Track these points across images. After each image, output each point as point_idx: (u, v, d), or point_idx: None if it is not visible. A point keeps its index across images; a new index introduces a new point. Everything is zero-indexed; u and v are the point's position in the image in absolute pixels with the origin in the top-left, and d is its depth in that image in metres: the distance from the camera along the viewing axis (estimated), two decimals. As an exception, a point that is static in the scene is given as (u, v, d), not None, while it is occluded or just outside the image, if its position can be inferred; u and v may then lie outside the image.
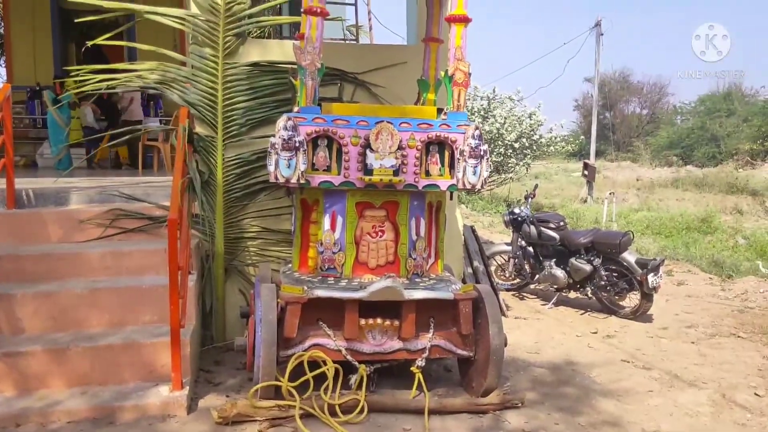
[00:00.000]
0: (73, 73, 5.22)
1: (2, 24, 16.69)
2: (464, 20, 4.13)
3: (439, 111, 4.37)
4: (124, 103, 10.11)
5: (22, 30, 13.31)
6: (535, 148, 21.45)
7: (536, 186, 9.00)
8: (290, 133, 3.94)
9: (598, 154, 31.35)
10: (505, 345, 4.21)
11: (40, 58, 13.17)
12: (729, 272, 9.26)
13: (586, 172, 21.82)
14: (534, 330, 6.27)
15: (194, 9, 5.28)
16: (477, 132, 4.15)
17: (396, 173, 4.10)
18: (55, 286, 4.45)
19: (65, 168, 8.78)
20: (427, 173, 4.23)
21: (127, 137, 6.55)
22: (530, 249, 7.60)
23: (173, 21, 5.27)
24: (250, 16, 5.34)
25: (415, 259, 4.32)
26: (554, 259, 7.29)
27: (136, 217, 5.24)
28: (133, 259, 4.82)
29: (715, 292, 8.19)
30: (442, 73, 4.32)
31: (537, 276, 7.47)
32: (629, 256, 6.76)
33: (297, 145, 3.93)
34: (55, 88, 10.27)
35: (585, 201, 20.90)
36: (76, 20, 5.46)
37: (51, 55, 13.18)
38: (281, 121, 3.97)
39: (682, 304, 7.50)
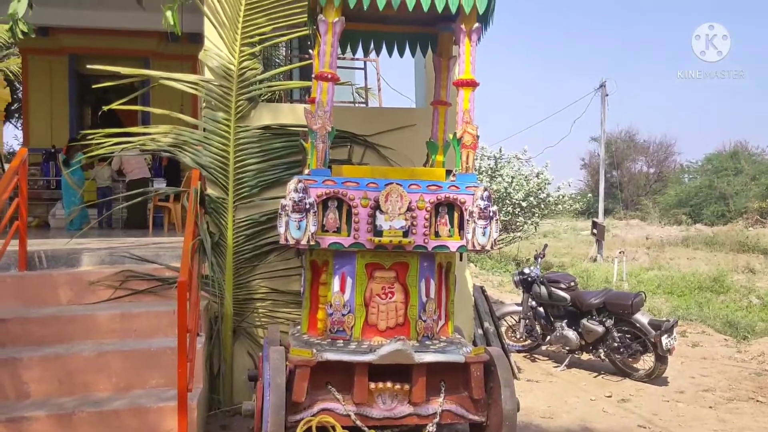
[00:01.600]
0: (89, 136, 5.32)
1: (21, 88, 17.14)
2: (472, 85, 4.21)
3: (448, 173, 4.41)
4: (126, 167, 10.25)
5: (40, 94, 13.69)
6: (543, 206, 21.48)
7: (545, 246, 8.97)
8: (301, 195, 3.97)
9: (607, 212, 31.37)
10: (518, 410, 4.11)
11: (56, 121, 13.50)
12: (744, 333, 9.10)
13: (595, 231, 21.76)
14: (547, 393, 6.14)
15: (208, 74, 5.43)
16: (486, 193, 4.17)
17: (406, 234, 4.11)
18: (62, 349, 4.42)
19: (76, 228, 8.86)
20: (437, 234, 4.23)
21: (138, 199, 6.60)
22: (541, 310, 7.52)
23: (188, 86, 5.40)
24: (261, 81, 5.47)
25: (425, 321, 4.27)
26: (566, 320, 7.20)
27: (145, 278, 5.25)
28: (141, 321, 4.80)
29: (731, 354, 8.03)
30: (451, 136, 4.37)
31: (548, 337, 7.37)
32: (642, 318, 6.67)
33: (307, 207, 3.96)
34: (58, 151, 10.47)
35: (595, 260, 20.78)
36: (93, 86, 5.60)
37: (67, 118, 13.51)
38: (292, 184, 4.01)
39: (697, 366, 7.34)
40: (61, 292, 5.06)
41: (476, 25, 4.16)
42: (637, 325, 6.65)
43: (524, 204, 20.64)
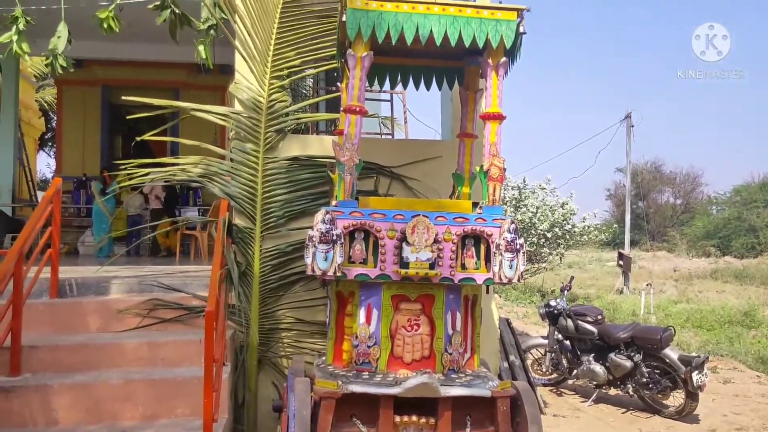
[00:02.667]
0: (121, 166, 5.44)
1: (55, 117, 17.60)
2: (499, 118, 4.23)
3: (475, 205, 4.41)
4: (150, 195, 10.46)
5: (73, 124, 14.05)
6: (568, 237, 21.34)
7: (572, 278, 8.89)
8: (328, 226, 4.00)
9: (633, 243, 30.99)
10: (546, 446, 4.04)
11: (88, 150, 13.82)
12: (778, 370, 8.88)
13: (621, 263, 21.50)
14: (574, 429, 6.03)
15: (238, 106, 5.54)
16: (513, 226, 4.16)
17: (432, 267, 4.10)
18: (90, 377, 4.47)
19: (105, 256, 9.00)
20: (463, 267, 4.22)
21: (168, 229, 6.70)
22: (567, 343, 7.43)
23: (217, 118, 5.51)
24: (290, 113, 5.56)
25: (451, 353, 4.24)
26: (593, 354, 7.10)
27: (173, 307, 5.30)
28: (168, 349, 4.84)
29: (764, 391, 7.83)
30: (477, 168, 4.39)
31: (575, 371, 7.27)
32: (671, 353, 6.55)
33: (334, 238, 3.98)
34: (104, 179, 10.69)
35: (621, 292, 20.50)
36: (128, 117, 5.73)
37: (99, 148, 13.83)
38: (319, 215, 4.04)
39: (729, 404, 7.17)
40: (91, 319, 5.13)
41: (503, 59, 4.20)
42: (667, 360, 6.53)
43: (549, 235, 20.54)
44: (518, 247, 4.13)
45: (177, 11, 5.21)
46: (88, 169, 13.33)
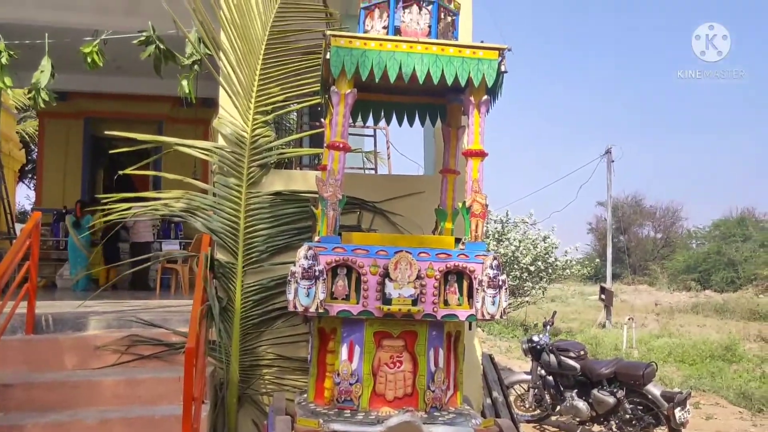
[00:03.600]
0: (103, 200, 5.40)
1: (35, 149, 17.49)
2: (480, 155, 4.27)
3: (457, 240, 4.42)
4: (132, 229, 10.35)
5: (54, 156, 13.96)
6: (550, 271, 21.43)
7: (554, 313, 8.90)
8: (311, 262, 3.98)
9: (614, 277, 31.19)
10: (529, 486, 4.00)
11: (69, 183, 13.71)
12: (759, 406, 8.89)
13: (603, 297, 21.59)
14: (558, 467, 5.98)
15: (221, 141, 5.54)
16: (495, 262, 4.17)
17: (415, 303, 4.09)
18: (66, 416, 4.36)
19: (81, 289, 8.87)
20: (446, 303, 4.21)
21: (147, 264, 6.63)
22: (550, 379, 7.41)
23: (201, 152, 5.51)
24: (273, 148, 5.56)
25: (433, 391, 4.21)
26: (576, 390, 7.07)
27: (152, 343, 5.22)
28: (146, 387, 4.75)
29: (746, 427, 7.84)
30: (460, 204, 4.41)
31: (558, 407, 7.23)
32: (654, 389, 6.55)
33: (317, 274, 3.96)
34: (75, 210, 10.59)
35: (603, 326, 20.53)
36: (110, 152, 5.70)
37: (80, 180, 13.73)
38: (302, 251, 4.03)
39: (712, 440, 7.16)
40: (67, 356, 5.02)
41: (485, 97, 4.26)
42: (650, 396, 6.53)
43: (532, 268, 20.61)
44: (501, 283, 4.14)
45: (162, 47, 5.24)
46: (69, 201, 13.19)
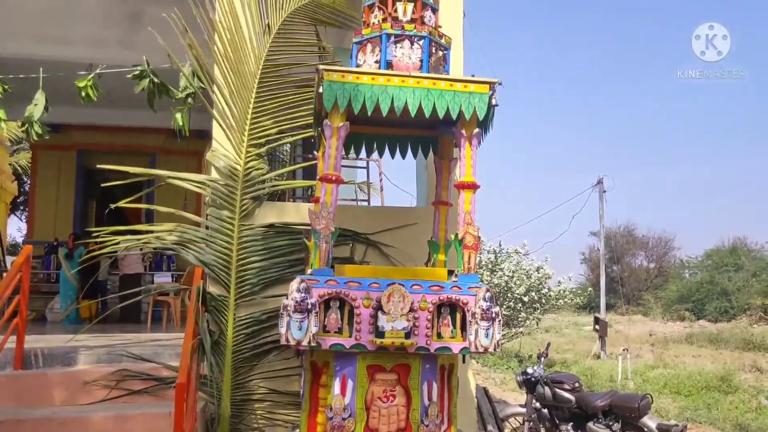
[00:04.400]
0: (94, 234, 5.38)
1: (28, 181, 17.45)
2: (473, 187, 4.29)
3: (450, 273, 4.42)
4: (122, 261, 10.29)
5: (47, 188, 13.93)
6: (544, 301, 21.39)
7: (548, 345, 8.85)
8: (303, 295, 3.96)
9: (608, 307, 31.14)
10: None
11: (60, 215, 13.67)
12: (756, 437, 8.83)
13: (597, 327, 21.53)
14: (554, 502, 5.89)
15: (214, 174, 5.55)
16: (488, 294, 4.16)
17: (408, 336, 4.06)
18: (53, 453, 4.28)
19: (71, 323, 8.79)
20: (439, 335, 4.19)
21: (138, 298, 6.59)
22: (545, 411, 7.34)
23: (194, 185, 5.51)
24: (266, 181, 5.58)
25: (427, 425, 4.16)
26: (571, 423, 7.01)
27: (142, 378, 5.16)
28: (136, 423, 4.67)
29: (743, 459, 7.76)
30: (453, 236, 4.42)
31: (554, 440, 7.15)
32: (650, 421, 6.50)
33: (309, 307, 3.94)
34: (68, 242, 10.54)
35: (598, 357, 20.44)
36: (102, 185, 5.70)
37: (72, 212, 13.69)
38: (294, 284, 4.01)
39: (709, 473, 7.08)
40: (56, 392, 4.95)
41: (476, 130, 4.30)
42: (645, 429, 6.47)
43: (525, 299, 20.57)
44: (494, 315, 4.12)
45: (156, 80, 5.28)
46: (60, 233, 13.14)
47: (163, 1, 5.48)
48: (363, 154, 5.30)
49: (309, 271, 4.23)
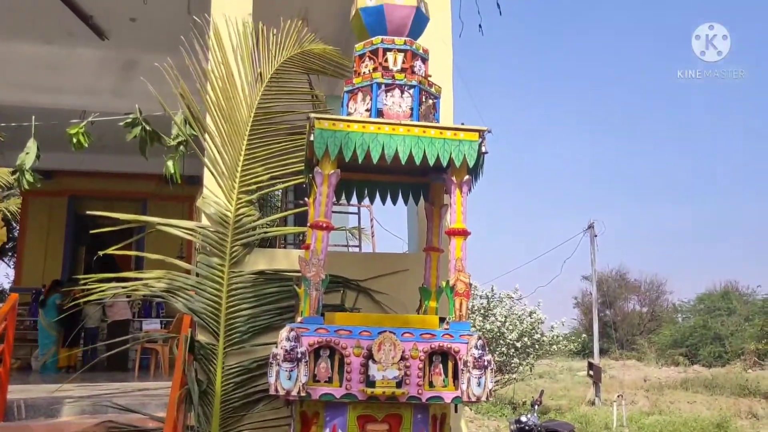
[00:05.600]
0: (82, 281, 5.32)
1: (17, 227, 17.33)
2: (463, 234, 4.30)
3: (442, 320, 4.39)
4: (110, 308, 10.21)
5: (36, 234, 13.85)
6: (537, 347, 21.21)
7: (542, 392, 8.74)
8: (293, 344, 3.91)
9: (602, 352, 30.93)
10: None
11: (49, 261, 13.56)
12: (754, 486, 8.67)
13: (591, 373, 21.32)
14: None
15: (205, 221, 5.54)
16: (480, 342, 4.12)
17: (399, 385, 4.00)
18: None
19: (50, 372, 8.63)
20: (431, 384, 4.13)
21: (126, 346, 6.49)
22: (540, 461, 7.19)
23: (184, 232, 5.49)
24: (257, 228, 5.56)
25: (419, 477, 4.06)
26: (567, 473, 6.87)
27: (127, 430, 5.03)
28: (120, 477, 4.55)
29: None
30: (444, 283, 4.40)
31: (549, 491, 6.99)
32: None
33: (299, 356, 3.89)
34: (39, 292, 10.45)
35: (593, 403, 20.19)
36: (91, 231, 5.67)
37: (61, 258, 13.58)
38: (284, 332, 3.97)
39: None
40: (38, 444, 4.83)
41: (466, 177, 4.33)
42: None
43: (518, 344, 20.39)
44: (486, 363, 4.08)
45: (147, 128, 5.31)
46: (48, 280, 13.00)
47: (156, 50, 5.56)
48: (354, 200, 5.32)
49: (299, 319, 4.19)
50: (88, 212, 5.39)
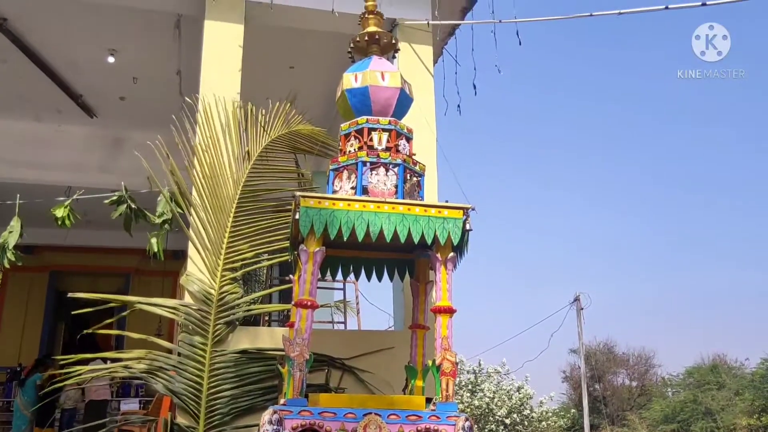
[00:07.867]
0: (61, 361, 5.18)
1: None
2: (449, 311, 4.27)
3: (428, 400, 4.30)
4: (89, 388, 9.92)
5: (14, 310, 13.56)
6: (527, 423, 20.77)
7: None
8: (275, 427, 3.81)
9: (593, 428, 30.22)
10: None
11: (27, 338, 13.24)
12: None
13: (583, 451, 20.82)
14: None
15: (188, 298, 5.46)
16: (467, 423, 4.03)
17: (385, 470, 3.88)
18: None
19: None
20: (418, 468, 4.00)
21: (104, 429, 6.25)
22: None
23: (166, 311, 5.41)
24: (239, 305, 5.50)
25: None
26: None
27: None
28: None
29: None
30: (430, 362, 4.33)
31: None
32: None
33: (282, 440, 3.77)
34: (22, 370, 10.18)
35: (586, 483, 19.61)
36: (73, 312, 5.57)
37: (39, 335, 13.28)
38: (266, 415, 3.86)
39: None
40: None
41: (451, 254, 4.34)
42: None
43: (508, 421, 19.98)
44: (474, 446, 3.98)
45: (133, 206, 5.31)
46: (25, 358, 12.65)
47: (144, 127, 5.63)
48: (339, 276, 5.29)
49: (282, 400, 4.08)
50: (69, 294, 5.27)
